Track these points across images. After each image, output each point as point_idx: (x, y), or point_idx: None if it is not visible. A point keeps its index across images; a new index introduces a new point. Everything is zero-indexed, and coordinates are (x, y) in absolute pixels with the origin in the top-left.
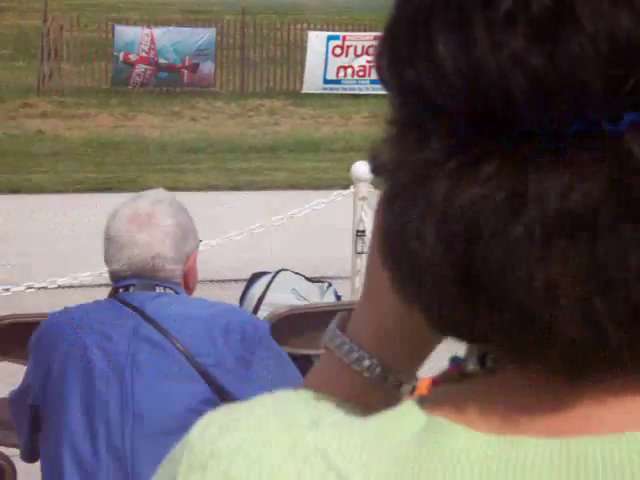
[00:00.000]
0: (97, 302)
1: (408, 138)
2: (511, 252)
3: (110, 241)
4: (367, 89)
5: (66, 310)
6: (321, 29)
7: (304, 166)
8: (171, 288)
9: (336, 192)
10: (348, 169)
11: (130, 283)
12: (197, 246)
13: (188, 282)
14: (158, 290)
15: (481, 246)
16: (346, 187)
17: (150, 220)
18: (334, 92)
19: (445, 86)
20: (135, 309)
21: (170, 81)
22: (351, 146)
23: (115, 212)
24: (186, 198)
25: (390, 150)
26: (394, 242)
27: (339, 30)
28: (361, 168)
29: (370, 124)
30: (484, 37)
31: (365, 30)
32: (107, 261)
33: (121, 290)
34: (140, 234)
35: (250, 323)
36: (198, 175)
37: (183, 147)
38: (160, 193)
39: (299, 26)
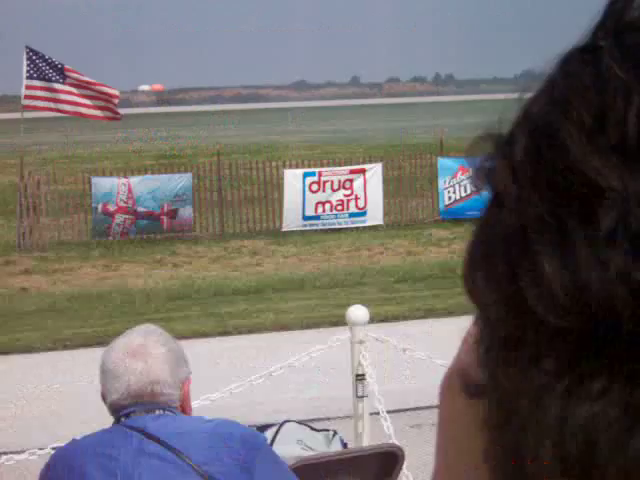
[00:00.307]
0: (102, 430)
1: (512, 358)
2: (630, 467)
3: (107, 374)
4: (346, 222)
5: (73, 441)
6: (296, 166)
7: (291, 305)
8: (171, 411)
9: (334, 337)
10: (335, 305)
11: (131, 410)
12: (190, 373)
13: (185, 408)
14: (158, 412)
15: (600, 463)
16: (334, 324)
17: (144, 349)
18: (314, 228)
19: (553, 305)
20: (138, 430)
21: (150, 229)
22: (335, 281)
23: (109, 347)
24: None
25: (484, 369)
26: (506, 464)
27: (314, 166)
28: (356, 312)
29: (351, 257)
30: (589, 256)
31: (340, 164)
32: (105, 394)
33: (123, 418)
34: (136, 363)
35: (250, 433)
36: (186, 322)
37: (169, 295)
38: (149, 326)
39: (274, 164)
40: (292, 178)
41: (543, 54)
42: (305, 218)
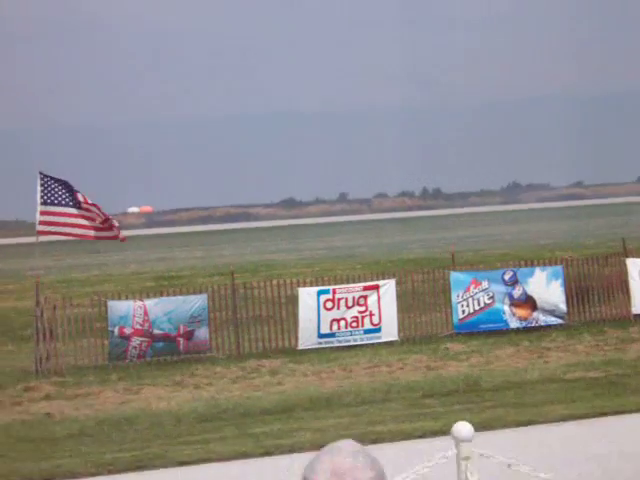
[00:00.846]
0: None
1: None
2: None
3: None
4: (361, 339)
5: None
6: (310, 284)
7: (325, 424)
8: None
9: (438, 455)
10: (369, 422)
11: None
12: None
13: None
14: None
15: None
16: (374, 442)
17: (353, 473)
18: (329, 345)
19: None
20: None
21: (167, 350)
22: (361, 398)
23: (311, 467)
24: (221, 470)
25: None
26: None
27: (328, 284)
28: (462, 429)
29: (372, 374)
30: None
31: (354, 281)
32: None
33: None
34: None
35: None
36: (224, 444)
37: (197, 416)
38: (352, 444)
39: (287, 282)
40: (306, 296)
41: (528, 167)
42: (320, 336)
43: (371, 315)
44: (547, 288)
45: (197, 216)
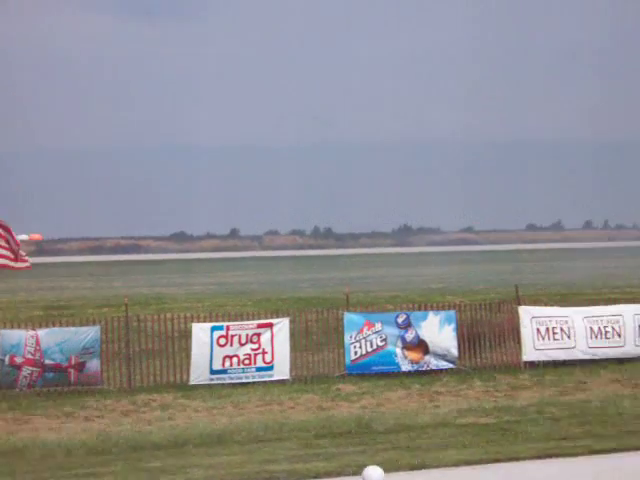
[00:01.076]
0: None
1: None
2: None
3: None
4: (253, 377)
5: None
6: (204, 320)
7: (217, 461)
8: None
9: None
10: (263, 461)
11: None
12: None
13: None
14: None
15: None
16: None
17: None
18: (221, 382)
19: None
20: None
21: (57, 381)
22: (254, 436)
23: None
24: None
25: None
26: None
27: (222, 320)
28: (373, 473)
29: (264, 412)
30: None
31: (248, 319)
32: None
33: None
34: None
35: None
36: (116, 478)
37: (88, 449)
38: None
39: (182, 316)
40: (200, 332)
41: (419, 210)
42: (212, 372)
43: (264, 353)
44: (439, 332)
45: (87, 246)
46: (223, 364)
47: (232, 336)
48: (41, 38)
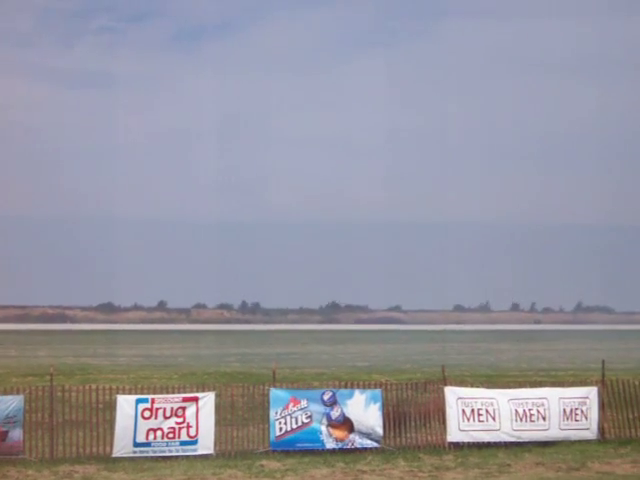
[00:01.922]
0: None
1: None
2: None
3: None
4: (177, 450)
5: None
6: (130, 392)
7: None
8: None
9: None
10: None
11: None
12: None
13: None
14: None
15: None
16: None
17: None
18: (144, 455)
19: None
20: None
21: None
22: None
23: None
24: None
25: None
26: None
27: (147, 393)
28: None
29: None
30: None
31: (174, 392)
32: None
33: None
34: None
35: None
36: None
37: None
38: None
39: (107, 388)
40: (125, 404)
41: (347, 288)
42: (136, 444)
43: (188, 427)
44: (365, 411)
45: (13, 314)
46: (147, 437)
47: (157, 409)
48: None
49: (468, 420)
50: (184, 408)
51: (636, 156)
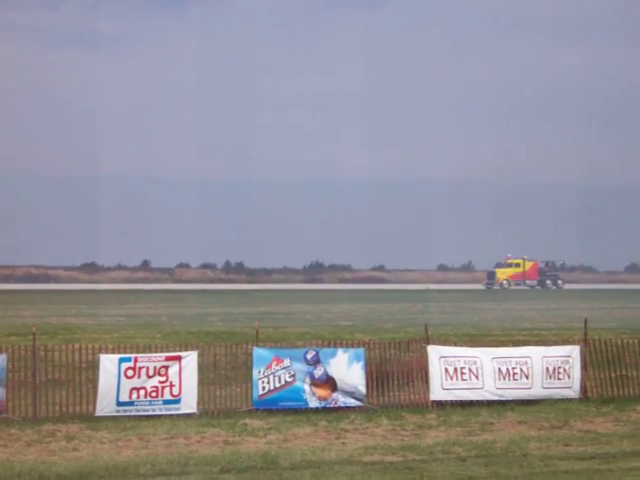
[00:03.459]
0: None
1: None
2: None
3: None
4: (160, 409)
5: None
6: (113, 351)
7: None
8: None
9: None
10: None
11: None
12: None
13: None
14: None
15: None
16: None
17: None
18: (127, 414)
19: None
20: None
21: None
22: (158, 470)
23: None
24: None
25: None
26: None
27: (130, 352)
28: None
29: (169, 445)
30: None
31: (157, 351)
32: None
33: None
34: None
35: None
36: None
37: None
38: None
39: (90, 347)
40: (108, 363)
41: (330, 248)
42: (119, 404)
43: (171, 386)
44: (348, 370)
45: None
46: (130, 396)
47: (140, 368)
48: None
49: (451, 379)
50: (167, 367)
51: (621, 116)
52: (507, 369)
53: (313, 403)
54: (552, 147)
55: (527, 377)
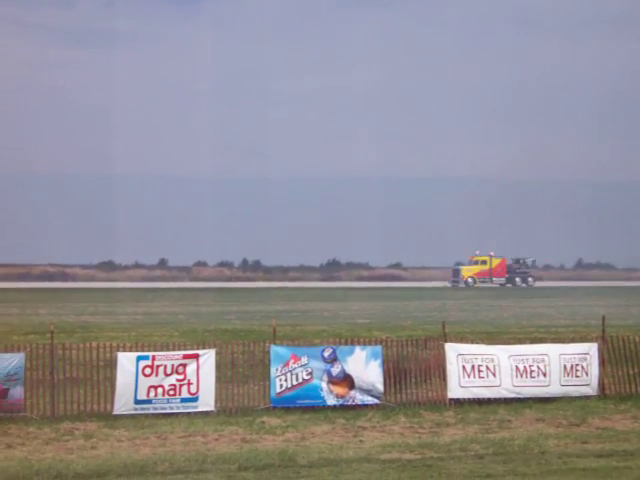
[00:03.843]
0: None
1: None
2: None
3: None
4: (178, 407)
5: None
6: (130, 349)
7: None
8: None
9: None
10: None
11: None
12: None
13: None
14: None
15: None
16: None
17: None
18: (145, 412)
19: None
20: None
21: None
22: (176, 468)
23: None
24: None
25: None
26: None
27: (148, 350)
28: None
29: (187, 443)
30: None
31: (174, 349)
32: None
33: None
34: None
35: None
36: None
37: (9, 477)
38: None
39: (108, 345)
40: (125, 361)
41: (348, 245)
42: (137, 402)
43: (189, 384)
44: (366, 367)
45: (13, 273)
46: (148, 394)
47: (157, 366)
48: None
49: (469, 376)
50: (185, 365)
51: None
52: (524, 367)
53: (331, 401)
54: (567, 144)
55: (544, 375)
